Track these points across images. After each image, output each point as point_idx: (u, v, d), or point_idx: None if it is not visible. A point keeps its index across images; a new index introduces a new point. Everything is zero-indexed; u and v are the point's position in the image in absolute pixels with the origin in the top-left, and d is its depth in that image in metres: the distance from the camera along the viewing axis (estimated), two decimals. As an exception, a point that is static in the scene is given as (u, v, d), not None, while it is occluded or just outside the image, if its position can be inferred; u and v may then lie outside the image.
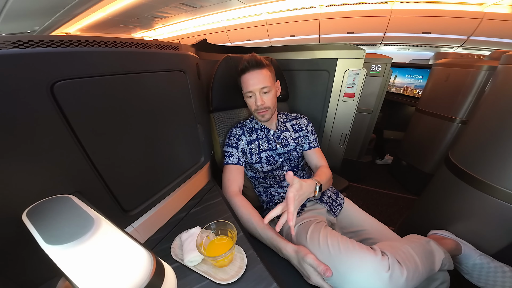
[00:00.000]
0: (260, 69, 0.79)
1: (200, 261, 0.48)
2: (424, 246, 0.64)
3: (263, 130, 0.90)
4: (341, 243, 0.60)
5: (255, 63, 0.78)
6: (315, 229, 0.67)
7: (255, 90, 0.79)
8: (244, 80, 0.80)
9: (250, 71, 0.78)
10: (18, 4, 3.20)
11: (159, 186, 0.57)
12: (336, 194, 0.92)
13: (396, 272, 0.53)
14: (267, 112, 0.83)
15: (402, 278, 0.52)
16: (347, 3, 3.76)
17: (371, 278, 0.52)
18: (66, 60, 0.33)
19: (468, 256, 0.74)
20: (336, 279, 0.56)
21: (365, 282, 0.52)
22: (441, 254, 0.64)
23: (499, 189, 0.70)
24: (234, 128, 0.91)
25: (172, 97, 0.56)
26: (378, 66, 1.51)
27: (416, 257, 0.58)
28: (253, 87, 0.78)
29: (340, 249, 0.59)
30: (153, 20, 4.86)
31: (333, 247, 0.60)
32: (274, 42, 5.31)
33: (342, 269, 0.55)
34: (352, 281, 0.54)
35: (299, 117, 0.99)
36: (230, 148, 0.86)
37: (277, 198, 0.87)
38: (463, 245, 0.76)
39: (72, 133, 0.35)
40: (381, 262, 0.53)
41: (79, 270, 0.21)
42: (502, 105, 0.73)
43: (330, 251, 0.59)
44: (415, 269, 0.55)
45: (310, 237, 0.66)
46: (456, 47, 4.06)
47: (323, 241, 0.62)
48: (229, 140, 0.88)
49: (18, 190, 0.31)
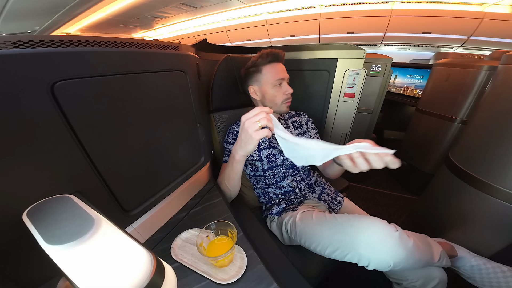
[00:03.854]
0: (282, 63, 0.85)
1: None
2: (422, 237, 0.67)
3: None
4: (347, 215, 0.63)
5: (281, 57, 0.84)
6: (320, 213, 0.70)
7: (285, 78, 0.83)
8: (273, 68, 0.82)
9: (277, 62, 0.83)
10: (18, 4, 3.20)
11: (159, 186, 0.57)
12: (335, 193, 0.92)
13: (404, 236, 0.55)
14: (290, 100, 0.87)
15: (410, 241, 0.55)
16: (347, 3, 3.77)
17: (382, 236, 0.53)
18: (67, 60, 0.33)
19: (463, 258, 0.74)
20: (346, 243, 0.57)
21: (377, 240, 0.53)
22: (438, 247, 0.67)
23: (499, 189, 0.70)
24: (233, 124, 0.91)
25: (172, 97, 0.56)
26: (378, 66, 1.51)
27: (417, 239, 0.59)
28: (284, 75, 0.82)
29: (349, 217, 0.61)
30: (153, 20, 4.86)
31: (341, 217, 0.62)
32: (274, 42, 5.31)
33: (353, 231, 0.57)
34: (364, 240, 0.54)
35: (298, 114, 0.99)
36: (229, 145, 0.86)
37: (275, 199, 0.87)
38: (457, 249, 0.77)
39: (73, 133, 0.35)
40: (389, 225, 0.56)
41: (79, 270, 0.21)
42: (502, 105, 0.73)
43: (338, 220, 0.62)
44: (417, 244, 0.57)
45: (316, 216, 0.68)
46: (456, 47, 4.06)
47: (330, 216, 0.65)
48: (228, 137, 0.88)
49: (19, 190, 0.31)
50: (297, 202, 0.83)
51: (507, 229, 0.72)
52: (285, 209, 0.81)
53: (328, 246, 0.61)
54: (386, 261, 0.52)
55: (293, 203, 0.83)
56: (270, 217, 0.84)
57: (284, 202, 0.83)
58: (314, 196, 0.85)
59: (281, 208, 0.81)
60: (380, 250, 0.52)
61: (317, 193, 0.87)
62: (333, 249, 0.60)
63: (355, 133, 1.34)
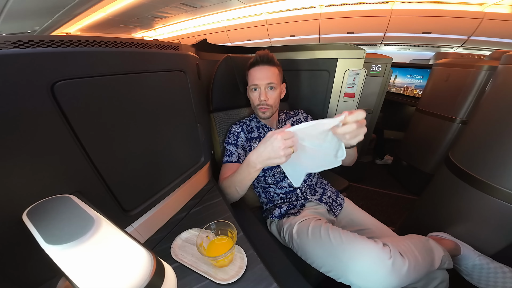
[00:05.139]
0: (270, 66, 0.80)
1: None
2: (423, 243, 0.64)
3: (264, 129, 0.90)
4: (342, 234, 0.61)
5: (267, 59, 0.79)
6: (316, 225, 0.68)
7: (261, 85, 0.80)
8: (252, 73, 0.81)
9: (260, 66, 0.79)
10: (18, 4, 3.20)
11: (159, 186, 0.57)
12: (336, 194, 0.92)
13: (398, 260, 0.53)
14: (268, 110, 0.83)
15: (405, 266, 0.53)
16: (347, 3, 3.76)
17: (374, 265, 0.52)
18: (67, 60, 0.33)
19: (468, 257, 0.74)
20: (338, 268, 0.57)
21: (368, 269, 0.52)
22: (440, 252, 0.65)
23: (499, 189, 0.70)
24: (233, 125, 0.91)
25: (172, 97, 0.56)
26: (378, 66, 1.51)
27: (416, 252, 0.58)
28: (259, 81, 0.79)
29: (342, 239, 0.59)
30: (153, 20, 4.86)
31: (335, 239, 0.61)
32: (274, 42, 5.31)
33: (345, 257, 0.56)
34: (355, 270, 0.54)
35: (298, 113, 1.00)
36: (230, 146, 0.86)
37: (276, 199, 0.87)
38: (462, 246, 0.76)
39: (73, 133, 0.35)
40: (383, 250, 0.54)
41: (79, 270, 0.21)
42: (502, 105, 0.73)
43: (332, 242, 0.60)
44: (415, 261, 0.56)
45: (311, 232, 0.67)
46: (456, 47, 4.06)
47: (324, 234, 0.63)
48: (228, 137, 0.88)
49: (19, 190, 0.31)
50: (299, 205, 0.82)
51: (507, 229, 0.72)
52: (287, 213, 0.80)
53: (322, 267, 0.62)
54: None
55: (295, 206, 0.82)
56: (271, 219, 0.84)
57: (286, 205, 0.82)
58: (315, 198, 0.84)
59: (282, 211, 0.80)
60: (371, 280, 0.52)
61: (318, 195, 0.87)
62: (327, 270, 0.60)
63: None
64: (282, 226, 0.78)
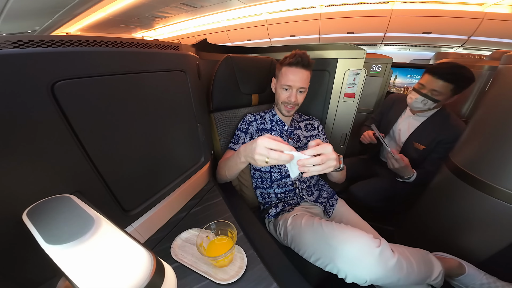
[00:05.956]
0: (306, 70, 0.79)
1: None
2: (422, 254, 0.64)
3: (278, 124, 0.92)
4: (335, 224, 0.63)
5: (306, 63, 0.78)
6: (309, 218, 0.70)
7: (294, 87, 0.80)
8: (287, 72, 0.79)
9: (298, 67, 0.78)
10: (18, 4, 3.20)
11: (159, 186, 0.57)
12: (331, 194, 0.93)
13: (387, 253, 0.53)
14: (293, 109, 0.85)
15: (393, 260, 0.53)
16: (347, 3, 3.76)
17: (361, 251, 0.53)
18: (67, 60, 0.33)
19: (474, 276, 0.71)
20: (327, 255, 0.58)
21: (355, 255, 0.53)
22: (439, 267, 0.64)
23: (500, 190, 0.70)
24: (248, 114, 0.93)
25: (172, 97, 0.56)
26: (378, 66, 1.51)
27: (411, 258, 0.58)
28: (293, 83, 0.79)
29: (334, 228, 0.61)
30: (154, 20, 4.87)
31: (327, 227, 0.62)
32: (275, 42, 5.31)
33: (334, 242, 0.57)
34: (342, 254, 0.55)
35: (312, 119, 1.02)
36: (240, 132, 0.88)
37: (273, 199, 0.88)
38: (466, 266, 0.74)
39: (73, 133, 0.35)
40: (373, 240, 0.55)
41: (79, 270, 0.21)
42: (502, 105, 0.73)
43: (324, 229, 0.62)
44: (407, 262, 0.56)
45: (305, 222, 0.69)
46: (456, 47, 4.06)
47: (317, 224, 0.65)
48: (241, 125, 0.90)
49: (19, 190, 0.31)
50: (294, 204, 0.84)
51: (507, 229, 0.72)
52: (282, 211, 0.82)
53: (313, 255, 0.62)
54: (363, 277, 0.52)
55: (290, 204, 0.84)
56: (268, 219, 0.85)
57: (281, 204, 0.84)
58: (311, 199, 0.86)
59: (278, 210, 0.82)
60: (357, 265, 0.52)
61: (314, 197, 0.89)
62: (316, 258, 0.61)
63: (355, 133, 1.34)
64: (278, 222, 0.80)
